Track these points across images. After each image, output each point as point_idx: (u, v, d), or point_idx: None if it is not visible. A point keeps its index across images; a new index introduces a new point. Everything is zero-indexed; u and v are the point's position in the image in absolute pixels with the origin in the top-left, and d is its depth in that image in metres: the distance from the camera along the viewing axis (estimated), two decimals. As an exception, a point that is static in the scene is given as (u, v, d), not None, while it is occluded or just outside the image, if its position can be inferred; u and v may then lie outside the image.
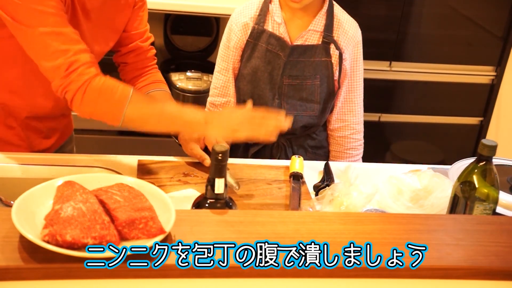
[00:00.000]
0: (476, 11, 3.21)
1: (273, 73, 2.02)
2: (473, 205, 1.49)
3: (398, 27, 3.12)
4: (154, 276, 1.08)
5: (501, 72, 3.28)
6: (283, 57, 1.99)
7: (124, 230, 1.11)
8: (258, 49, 2.02)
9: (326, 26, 2.00)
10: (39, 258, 1.05)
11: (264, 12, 2.01)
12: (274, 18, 2.00)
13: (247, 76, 2.04)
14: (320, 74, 2.02)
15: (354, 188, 1.66)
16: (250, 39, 2.02)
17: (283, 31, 1.99)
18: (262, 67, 2.02)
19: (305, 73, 2.01)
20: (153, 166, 1.85)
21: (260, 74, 2.02)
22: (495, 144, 1.45)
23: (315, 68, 2.02)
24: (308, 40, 2.01)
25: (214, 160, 1.27)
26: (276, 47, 2.00)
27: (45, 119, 1.88)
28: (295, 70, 2.01)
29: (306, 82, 2.02)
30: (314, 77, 2.02)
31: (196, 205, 1.35)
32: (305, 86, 2.03)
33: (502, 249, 1.22)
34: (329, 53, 2.01)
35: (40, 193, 1.18)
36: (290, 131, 2.01)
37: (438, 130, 3.42)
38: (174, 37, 3.22)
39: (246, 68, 2.04)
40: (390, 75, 3.20)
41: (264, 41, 2.01)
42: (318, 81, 2.03)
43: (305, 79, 2.02)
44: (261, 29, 2.01)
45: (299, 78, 2.02)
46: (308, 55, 2.01)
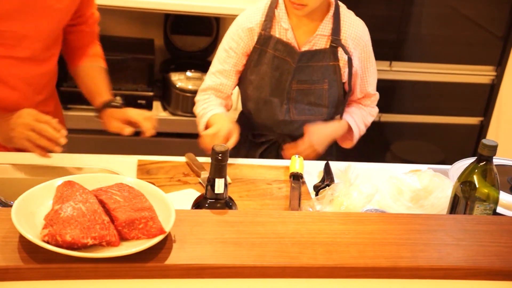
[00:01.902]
0: (476, 11, 3.21)
1: (281, 78, 2.00)
2: (474, 205, 1.49)
3: (398, 27, 3.12)
4: (154, 276, 1.08)
5: (501, 72, 3.27)
6: (292, 63, 1.98)
7: (124, 230, 1.11)
8: (266, 55, 2.00)
9: (334, 29, 1.98)
10: (39, 258, 1.05)
11: (270, 18, 1.99)
12: (280, 23, 1.98)
13: (254, 81, 2.03)
14: (328, 78, 2.01)
15: (354, 188, 1.66)
16: (257, 45, 2.00)
17: (291, 36, 1.98)
18: (269, 73, 2.00)
19: (313, 78, 2.01)
20: (153, 166, 1.85)
21: (268, 80, 2.01)
22: (495, 144, 1.45)
23: (324, 73, 2.01)
24: (316, 45, 1.99)
25: (214, 160, 1.27)
26: (284, 53, 1.98)
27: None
28: (304, 75, 2.00)
29: (314, 86, 2.02)
30: (322, 81, 2.01)
31: (196, 205, 1.35)
32: (313, 91, 2.02)
33: (502, 249, 1.22)
34: (337, 57, 2.00)
35: (40, 193, 1.18)
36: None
37: (438, 130, 3.41)
38: (174, 37, 3.22)
39: (253, 74, 2.03)
40: (390, 75, 3.20)
41: (272, 47, 1.99)
42: (327, 85, 2.02)
43: (313, 83, 2.01)
44: (268, 35, 1.99)
45: (308, 82, 2.01)
46: (316, 59, 2.00)
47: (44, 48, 1.80)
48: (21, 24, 1.70)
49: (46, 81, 1.89)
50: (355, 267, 1.13)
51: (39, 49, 1.79)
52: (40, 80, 1.86)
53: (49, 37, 1.81)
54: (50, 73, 1.90)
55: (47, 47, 1.82)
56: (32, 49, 1.76)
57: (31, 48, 1.76)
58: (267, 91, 2.02)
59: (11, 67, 1.75)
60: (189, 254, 1.10)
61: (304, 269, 1.12)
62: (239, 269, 1.10)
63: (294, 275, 1.12)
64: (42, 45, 1.79)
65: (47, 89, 1.91)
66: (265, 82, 2.02)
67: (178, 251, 1.11)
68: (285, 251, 1.14)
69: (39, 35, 1.77)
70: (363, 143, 3.35)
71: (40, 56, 1.80)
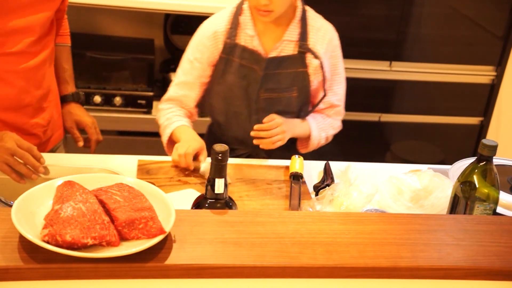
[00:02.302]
0: (476, 11, 3.21)
1: (249, 88, 1.94)
2: (474, 205, 1.49)
3: (398, 27, 3.11)
4: (154, 276, 1.08)
5: (501, 72, 3.27)
6: (259, 71, 1.92)
7: (124, 230, 1.11)
8: (232, 64, 1.93)
9: (301, 34, 1.92)
10: (39, 258, 1.05)
11: (235, 25, 1.92)
12: (246, 31, 1.92)
13: (221, 93, 1.97)
14: (297, 86, 1.95)
15: (354, 188, 1.66)
16: (223, 55, 1.93)
17: (257, 43, 1.91)
18: (237, 83, 1.94)
19: (282, 85, 1.94)
20: (153, 166, 1.85)
21: (236, 91, 1.95)
22: (495, 144, 1.45)
23: (292, 80, 1.95)
24: (284, 51, 1.93)
25: (214, 160, 1.27)
26: (250, 61, 1.92)
27: (16, 111, 1.83)
28: (272, 83, 1.94)
29: (283, 94, 1.95)
30: (291, 89, 1.95)
31: (196, 205, 1.35)
32: (282, 99, 1.96)
33: (502, 249, 1.22)
34: (305, 63, 1.94)
35: (40, 193, 1.18)
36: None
37: (438, 130, 3.42)
38: (174, 37, 3.21)
39: (220, 85, 1.96)
40: (390, 75, 3.20)
41: (238, 56, 1.92)
42: (295, 92, 1.96)
43: (282, 91, 1.95)
44: (233, 43, 1.92)
45: (276, 91, 1.95)
46: (284, 66, 1.93)
47: (35, 41, 1.79)
48: (7, 19, 1.69)
49: (42, 74, 1.87)
50: (355, 267, 1.13)
51: (31, 43, 1.77)
52: (36, 73, 1.84)
53: (41, 29, 1.80)
54: (46, 63, 1.88)
55: (39, 40, 1.81)
56: (22, 43, 1.75)
57: (21, 43, 1.75)
58: (236, 102, 1.96)
59: (4, 64, 1.75)
60: (189, 254, 1.10)
61: (304, 269, 1.12)
62: (239, 269, 1.10)
63: (294, 275, 1.12)
64: (34, 38, 1.78)
65: (46, 83, 1.90)
66: (233, 93, 1.95)
67: (178, 251, 1.11)
68: (285, 251, 1.14)
69: (29, 29, 1.76)
70: (363, 143, 3.36)
71: (32, 48, 1.79)
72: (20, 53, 1.76)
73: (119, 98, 2.87)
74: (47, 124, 1.93)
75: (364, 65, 3.10)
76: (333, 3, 2.95)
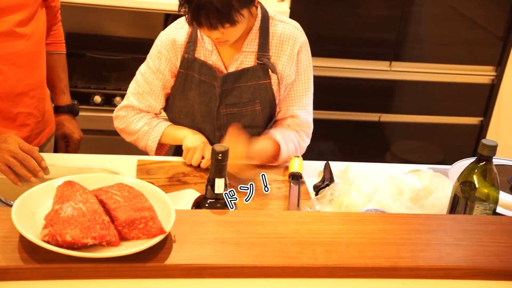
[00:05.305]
0: (476, 11, 3.21)
1: (210, 104, 1.86)
2: (473, 205, 1.49)
3: (398, 27, 3.11)
4: (154, 276, 1.08)
5: (501, 72, 3.27)
6: (217, 87, 1.84)
7: (124, 230, 1.11)
8: (192, 80, 1.86)
9: (260, 45, 1.83)
10: (39, 258, 1.05)
11: (194, 39, 1.84)
12: (205, 46, 1.84)
13: (183, 108, 1.89)
14: (260, 98, 1.87)
15: (354, 188, 1.66)
16: (181, 70, 1.86)
17: (216, 58, 1.83)
18: (197, 99, 1.86)
19: (243, 99, 1.86)
20: (153, 166, 1.85)
21: (197, 107, 1.87)
22: (495, 144, 1.45)
23: (254, 93, 1.86)
24: (244, 63, 1.84)
25: (214, 160, 1.27)
26: (209, 77, 1.84)
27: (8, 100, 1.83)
28: (231, 98, 1.86)
29: (245, 109, 1.87)
30: (253, 103, 1.87)
31: (196, 205, 1.35)
32: (245, 113, 1.88)
33: (502, 249, 1.22)
34: (267, 74, 1.85)
35: (40, 193, 1.18)
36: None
37: (438, 130, 3.41)
38: (174, 37, 3.21)
39: (182, 100, 1.89)
40: (390, 75, 3.20)
41: (197, 71, 1.85)
42: (259, 105, 1.87)
43: (243, 106, 1.87)
44: (192, 58, 1.84)
45: (237, 106, 1.87)
46: (243, 79, 1.85)
47: (20, 22, 1.78)
48: None
49: (33, 61, 1.86)
50: (355, 267, 1.13)
51: (15, 23, 1.76)
52: (26, 58, 1.82)
53: (29, 9, 1.79)
54: (36, 52, 1.87)
55: (23, 21, 1.79)
56: (6, 22, 1.75)
57: (6, 22, 1.74)
58: (199, 119, 1.89)
59: None
60: (189, 254, 1.10)
61: (304, 269, 1.12)
62: (239, 269, 1.10)
63: (294, 275, 1.12)
64: (18, 18, 1.77)
65: (38, 73, 1.90)
66: (194, 109, 1.88)
67: (178, 251, 1.11)
68: (285, 251, 1.14)
69: (17, 7, 1.75)
70: (363, 143, 3.36)
71: (18, 31, 1.78)
72: (4, 34, 1.75)
73: (119, 98, 2.87)
74: (41, 116, 1.94)
75: (364, 65, 3.10)
76: (333, 3, 2.95)
